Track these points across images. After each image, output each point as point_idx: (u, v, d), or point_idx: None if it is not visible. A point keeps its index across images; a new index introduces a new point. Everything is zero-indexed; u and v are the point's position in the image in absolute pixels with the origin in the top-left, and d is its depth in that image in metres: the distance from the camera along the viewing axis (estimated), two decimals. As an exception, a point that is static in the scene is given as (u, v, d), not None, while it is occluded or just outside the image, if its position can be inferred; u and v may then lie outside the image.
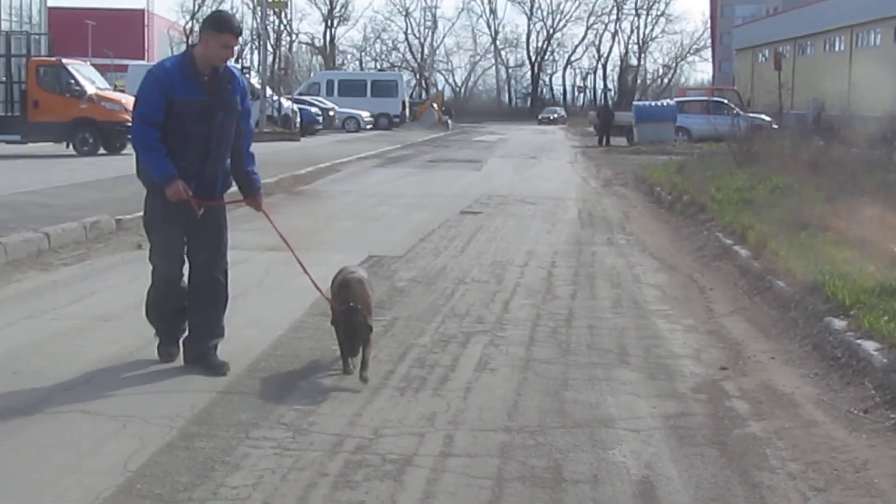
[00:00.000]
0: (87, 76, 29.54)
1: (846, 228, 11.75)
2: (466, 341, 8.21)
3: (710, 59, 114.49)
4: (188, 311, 7.29)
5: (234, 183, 7.46)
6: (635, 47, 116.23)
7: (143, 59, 78.26)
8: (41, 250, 11.99)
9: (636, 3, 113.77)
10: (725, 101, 43.52)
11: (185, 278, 7.33)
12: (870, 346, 7.23)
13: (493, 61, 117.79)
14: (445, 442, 5.84)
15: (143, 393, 6.59)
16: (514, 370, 7.38)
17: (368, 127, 57.62)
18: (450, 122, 70.23)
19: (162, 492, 4.99)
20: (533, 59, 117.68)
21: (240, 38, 7.43)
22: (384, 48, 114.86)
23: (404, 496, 5.05)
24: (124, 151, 28.90)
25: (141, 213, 13.79)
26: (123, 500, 4.90)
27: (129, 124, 22.64)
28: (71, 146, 29.14)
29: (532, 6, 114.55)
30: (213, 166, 7.11)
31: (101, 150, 29.01)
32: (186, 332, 7.31)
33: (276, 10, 55.27)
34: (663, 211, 17.66)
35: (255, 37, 64.57)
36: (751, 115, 35.27)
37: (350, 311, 6.89)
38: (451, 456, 5.63)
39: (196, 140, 6.98)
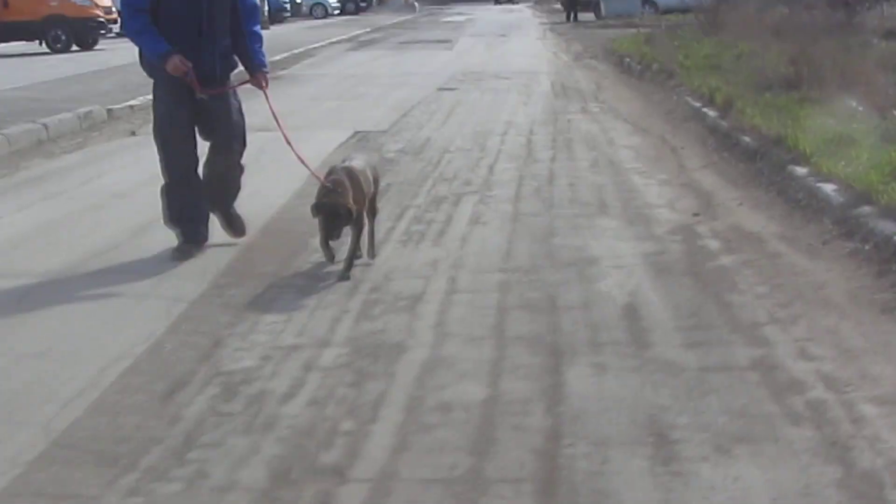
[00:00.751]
0: (55, -27, 29.60)
1: (808, 88, 12.37)
2: (458, 201, 8.87)
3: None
4: (208, 188, 7.38)
5: (239, 64, 7.41)
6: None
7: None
8: (41, 140, 12.55)
9: None
10: (691, -28, 43.46)
11: (196, 167, 7.37)
12: (828, 188, 7.92)
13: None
14: (449, 282, 6.52)
15: (170, 254, 7.23)
16: (504, 222, 8.05)
17: (336, 13, 57.51)
18: (416, 4, 69.95)
19: (206, 330, 5.67)
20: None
21: None
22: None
23: (419, 324, 5.75)
24: (97, 47, 29.15)
25: (130, 102, 14.42)
26: (173, 337, 5.57)
27: (101, 20, 22.98)
28: (44, 44, 29.30)
29: None
30: (208, 48, 7.01)
31: (74, 47, 29.18)
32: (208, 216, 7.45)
33: None
34: (634, 80, 18.22)
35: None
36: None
37: (327, 193, 6.67)
38: (455, 292, 6.32)
39: (186, 22, 6.90)
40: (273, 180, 9.60)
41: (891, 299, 5.78)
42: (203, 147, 7.39)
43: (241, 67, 7.50)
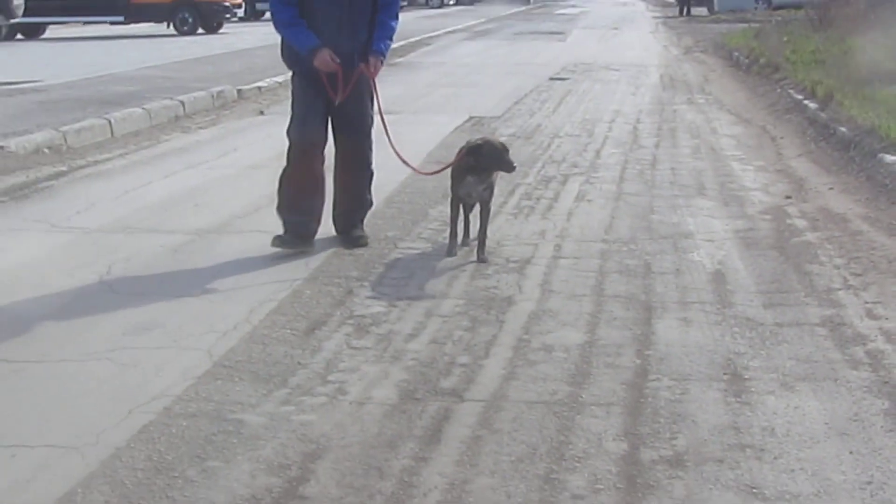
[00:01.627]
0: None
1: (910, 82, 12.84)
2: (565, 181, 9.59)
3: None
4: (336, 187, 7.36)
5: None
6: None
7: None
8: (178, 116, 13.58)
9: None
10: (806, -32, 43.36)
11: (322, 163, 7.28)
12: (915, 174, 8.48)
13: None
14: (555, 249, 7.26)
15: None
16: (608, 201, 8.75)
17: (451, 3, 58.33)
18: (530, -4, 70.38)
19: (339, 281, 6.49)
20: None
21: None
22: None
23: (526, 283, 6.49)
24: (221, 31, 30.37)
25: (258, 84, 15.37)
26: (311, 285, 6.40)
27: (226, 4, 24.10)
28: (171, 26, 30.62)
29: None
30: (347, 43, 6.97)
31: (200, 30, 30.46)
32: (321, 215, 7.30)
33: None
34: (741, 73, 18.71)
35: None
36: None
37: (482, 141, 7.06)
38: (560, 258, 7.05)
39: (327, 16, 6.91)
40: (394, 157, 10.37)
41: (960, 272, 6.36)
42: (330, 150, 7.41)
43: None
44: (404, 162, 7.37)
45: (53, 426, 4.41)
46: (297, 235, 7.08)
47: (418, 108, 14.62)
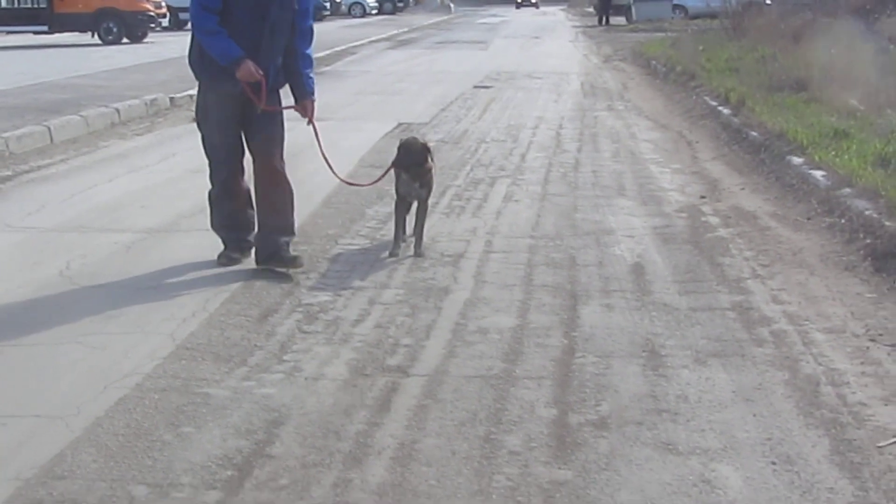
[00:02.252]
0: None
1: (816, 89, 13.59)
2: (493, 182, 10.14)
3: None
4: (256, 207, 7.18)
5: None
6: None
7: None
8: (114, 123, 13.95)
9: None
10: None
11: (244, 174, 7.26)
12: (818, 174, 9.14)
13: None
14: (486, 244, 7.78)
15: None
16: (534, 201, 9.30)
17: (374, 12, 58.86)
18: (452, 5, 71.24)
19: (285, 273, 6.95)
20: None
21: None
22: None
23: (461, 274, 7.00)
24: (147, 40, 30.60)
25: (190, 92, 15.75)
26: (260, 277, 6.85)
27: (151, 14, 24.39)
28: (96, 35, 30.80)
29: None
30: (264, 63, 6.78)
31: (125, 40, 30.66)
32: (255, 230, 7.22)
33: None
34: (658, 81, 19.44)
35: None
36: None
37: (408, 142, 7.59)
38: (491, 252, 7.57)
39: (248, 34, 6.69)
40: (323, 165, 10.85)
41: (854, 260, 7.01)
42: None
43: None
44: (341, 179, 7.77)
45: (37, 400, 4.83)
46: (238, 250, 7.21)
47: (347, 115, 15.11)
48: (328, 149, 7.23)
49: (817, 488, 3.99)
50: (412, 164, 7.38)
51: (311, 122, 7.22)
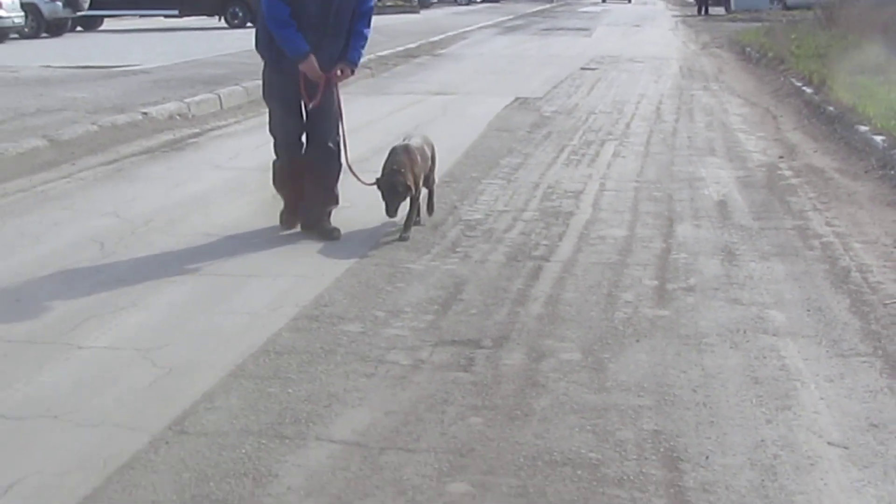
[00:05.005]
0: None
1: (893, 73, 15.38)
2: (602, 143, 12.14)
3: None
4: (305, 178, 7.64)
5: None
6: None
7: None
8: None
9: None
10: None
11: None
12: (879, 138, 10.99)
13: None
14: (600, 185, 9.79)
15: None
16: (638, 157, 11.29)
17: (478, 1, 60.89)
18: (553, -6, 72.80)
19: (446, 201, 9.04)
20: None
21: None
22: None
23: (582, 204, 9.02)
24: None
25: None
26: (446, 179, 8.97)
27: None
28: (222, 19, 33.29)
29: None
30: (328, 47, 7.30)
31: (248, 24, 33.11)
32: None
33: None
34: (751, 66, 21.23)
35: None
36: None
37: (390, 173, 7.52)
38: (605, 190, 9.58)
39: (315, 20, 7.14)
40: (459, 128, 12.99)
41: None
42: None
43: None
44: (355, 175, 7.79)
45: (297, 266, 7.00)
46: (293, 210, 7.89)
47: (469, 90, 17.20)
48: (457, 117, 9.24)
49: (835, 322, 5.95)
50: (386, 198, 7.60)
51: (335, 85, 7.52)
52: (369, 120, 13.20)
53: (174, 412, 4.66)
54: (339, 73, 7.45)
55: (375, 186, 7.49)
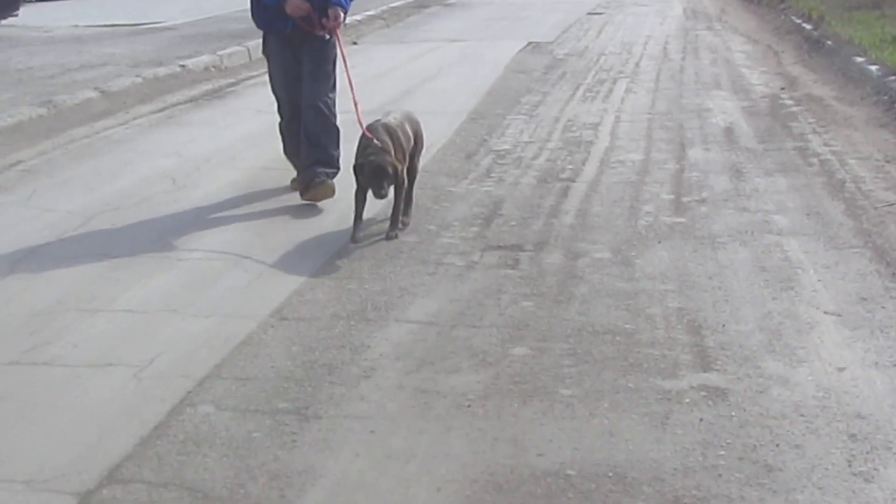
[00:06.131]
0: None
1: (888, 8, 16.16)
2: (614, 81, 12.97)
3: None
4: (301, 141, 7.53)
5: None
6: None
7: None
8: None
9: None
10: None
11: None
12: (873, 68, 11.80)
13: None
14: (615, 118, 10.65)
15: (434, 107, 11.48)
16: (649, 92, 12.12)
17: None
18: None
19: (476, 134, 9.92)
20: None
21: None
22: None
23: (600, 134, 9.86)
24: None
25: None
26: (461, 134, 9.84)
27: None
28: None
29: None
30: None
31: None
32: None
33: None
34: (753, 6, 21.94)
35: None
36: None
37: (374, 152, 6.62)
38: (620, 122, 10.43)
39: None
40: (476, 71, 13.83)
41: (889, 121, 9.73)
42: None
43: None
44: (360, 121, 6.99)
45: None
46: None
47: (483, 36, 17.99)
48: (475, 60, 10.05)
49: (832, 223, 6.81)
50: (373, 183, 6.62)
51: (335, 33, 7.36)
52: (391, 66, 14.07)
53: (272, 305, 5.55)
54: (329, 19, 7.13)
55: (353, 173, 6.65)
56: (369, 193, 6.62)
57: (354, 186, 6.75)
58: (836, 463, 3.85)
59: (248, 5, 7.48)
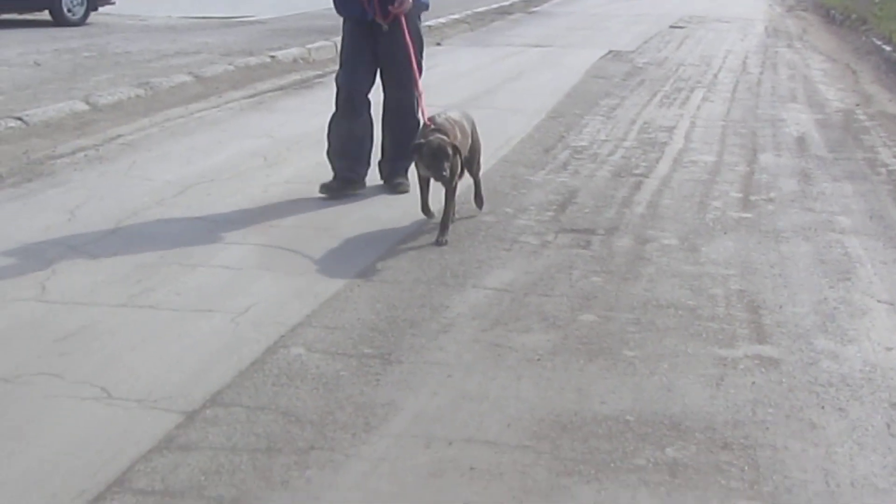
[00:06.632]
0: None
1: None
2: (692, 90, 13.28)
3: None
4: (382, 134, 7.64)
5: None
6: None
7: None
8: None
9: None
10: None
11: (369, 108, 7.63)
12: (949, 88, 12.06)
13: None
14: (691, 123, 10.96)
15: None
16: (725, 101, 12.42)
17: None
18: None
19: (553, 131, 10.29)
20: None
21: None
22: None
23: (675, 136, 10.20)
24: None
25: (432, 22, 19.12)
26: (539, 130, 10.24)
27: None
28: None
29: None
30: None
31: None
32: (381, 157, 7.75)
33: None
34: (834, 27, 22.11)
35: None
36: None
37: (432, 131, 6.56)
38: (695, 127, 10.74)
39: None
40: (557, 76, 14.21)
41: (959, 139, 10.00)
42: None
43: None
44: (422, 111, 6.95)
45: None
46: (343, 180, 7.52)
47: (564, 43, 18.35)
48: (556, 65, 10.62)
49: (893, 225, 7.10)
50: (432, 163, 6.53)
51: (397, 16, 7.27)
52: (474, 67, 14.50)
53: (357, 268, 5.98)
54: (395, 4, 7.13)
55: (413, 157, 6.65)
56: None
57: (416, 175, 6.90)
58: (875, 425, 4.15)
59: None
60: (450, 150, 6.37)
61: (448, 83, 13.00)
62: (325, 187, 7.45)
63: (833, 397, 4.36)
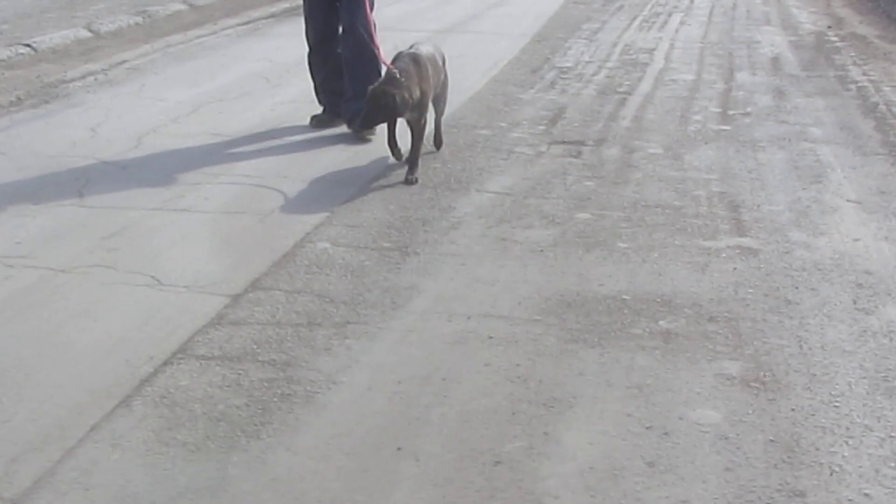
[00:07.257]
0: None
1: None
2: (670, 15, 13.74)
3: None
4: (344, 74, 7.44)
5: None
6: None
7: None
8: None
9: None
10: None
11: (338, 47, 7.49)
12: (917, 10, 12.57)
13: None
14: (670, 45, 11.42)
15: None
16: (702, 25, 12.88)
17: None
18: None
19: (537, 52, 10.79)
20: None
21: None
22: None
23: (655, 57, 10.63)
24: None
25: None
26: (526, 52, 10.71)
27: None
28: None
29: None
30: None
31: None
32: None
33: None
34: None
35: None
36: None
37: (386, 81, 6.36)
38: (674, 49, 11.20)
39: None
40: (538, 0, 14.67)
41: (926, 57, 10.52)
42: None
43: None
44: (382, 61, 6.81)
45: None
46: (332, 113, 7.56)
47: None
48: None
49: (862, 135, 7.59)
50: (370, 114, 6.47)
51: None
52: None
53: (369, 175, 6.51)
54: None
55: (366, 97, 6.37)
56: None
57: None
58: (843, 301, 4.71)
59: None
60: (388, 108, 6.21)
61: (434, 9, 13.44)
62: (315, 119, 7.59)
63: (806, 279, 4.91)
